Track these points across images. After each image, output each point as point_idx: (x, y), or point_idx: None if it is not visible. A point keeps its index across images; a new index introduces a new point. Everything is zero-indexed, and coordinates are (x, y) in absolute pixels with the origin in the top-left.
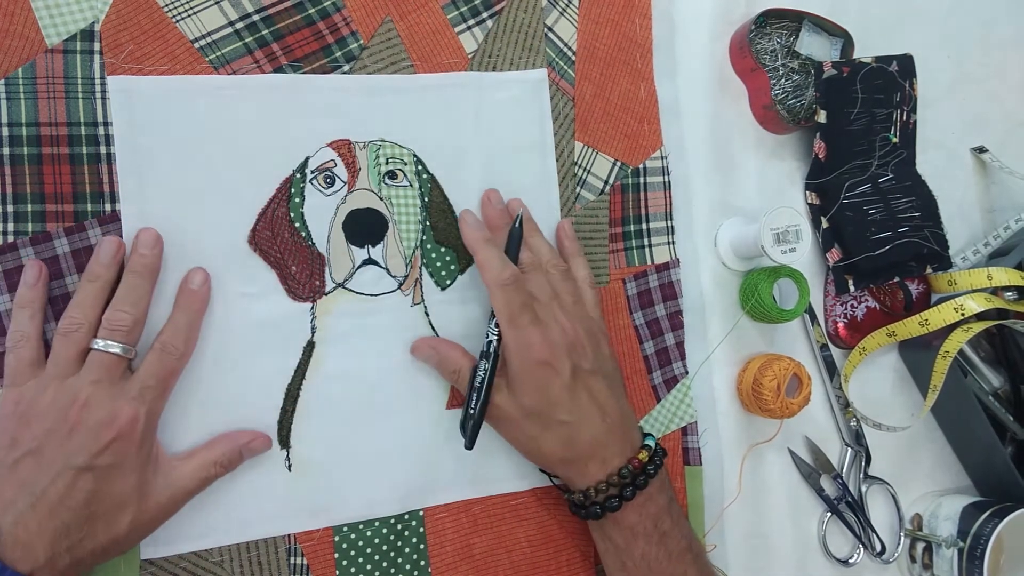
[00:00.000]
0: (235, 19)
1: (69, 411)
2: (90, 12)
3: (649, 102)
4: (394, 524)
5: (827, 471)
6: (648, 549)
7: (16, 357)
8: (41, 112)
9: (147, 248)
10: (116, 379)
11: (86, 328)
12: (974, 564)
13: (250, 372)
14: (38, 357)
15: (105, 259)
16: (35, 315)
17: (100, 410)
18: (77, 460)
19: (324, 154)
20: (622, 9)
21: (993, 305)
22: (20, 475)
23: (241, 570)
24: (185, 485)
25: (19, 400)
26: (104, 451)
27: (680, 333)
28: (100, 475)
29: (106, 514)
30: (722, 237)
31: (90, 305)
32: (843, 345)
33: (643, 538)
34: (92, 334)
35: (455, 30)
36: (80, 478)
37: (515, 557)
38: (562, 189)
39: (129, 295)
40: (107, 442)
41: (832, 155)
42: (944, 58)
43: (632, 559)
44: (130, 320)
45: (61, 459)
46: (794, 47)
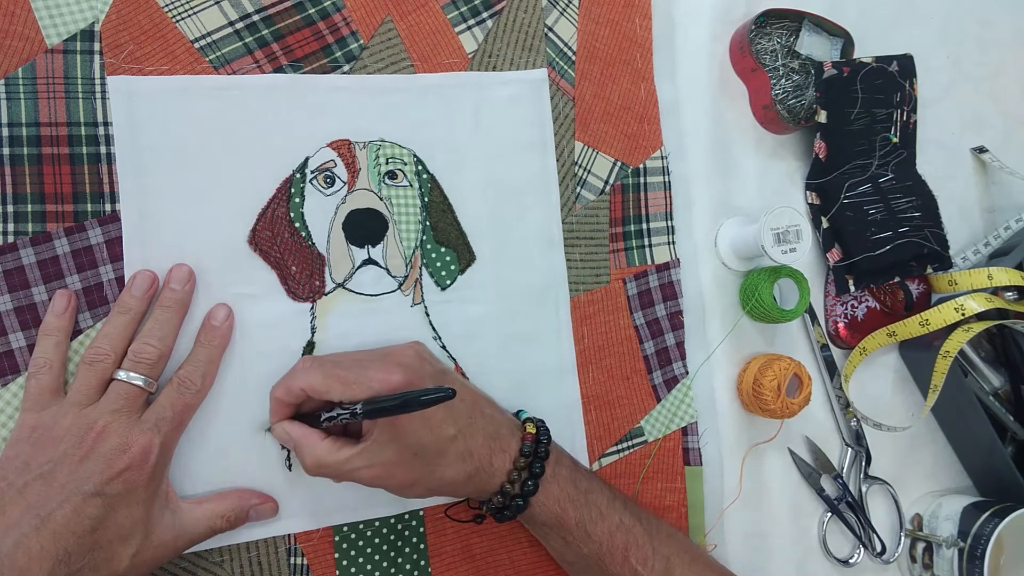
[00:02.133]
0: (235, 19)
1: (85, 438)
2: (90, 12)
3: (649, 102)
4: (394, 524)
5: (827, 471)
6: (579, 513)
7: (38, 383)
8: (41, 112)
9: (179, 284)
10: (135, 410)
11: (112, 359)
12: (974, 564)
13: (250, 372)
14: (59, 385)
15: (138, 292)
16: (60, 343)
17: (115, 438)
18: (87, 486)
19: (324, 154)
20: (622, 9)
21: (993, 305)
22: (28, 498)
23: (241, 570)
24: (191, 530)
25: (36, 426)
26: (116, 479)
27: (680, 333)
28: (109, 503)
29: (109, 544)
30: (722, 237)
31: (118, 336)
32: (843, 345)
33: (571, 504)
34: (117, 365)
35: (455, 30)
36: (89, 504)
37: (515, 557)
38: (562, 189)
39: (157, 329)
40: (119, 470)
41: (832, 155)
42: (944, 58)
43: (570, 532)
44: (156, 354)
45: (72, 484)
46: (794, 47)
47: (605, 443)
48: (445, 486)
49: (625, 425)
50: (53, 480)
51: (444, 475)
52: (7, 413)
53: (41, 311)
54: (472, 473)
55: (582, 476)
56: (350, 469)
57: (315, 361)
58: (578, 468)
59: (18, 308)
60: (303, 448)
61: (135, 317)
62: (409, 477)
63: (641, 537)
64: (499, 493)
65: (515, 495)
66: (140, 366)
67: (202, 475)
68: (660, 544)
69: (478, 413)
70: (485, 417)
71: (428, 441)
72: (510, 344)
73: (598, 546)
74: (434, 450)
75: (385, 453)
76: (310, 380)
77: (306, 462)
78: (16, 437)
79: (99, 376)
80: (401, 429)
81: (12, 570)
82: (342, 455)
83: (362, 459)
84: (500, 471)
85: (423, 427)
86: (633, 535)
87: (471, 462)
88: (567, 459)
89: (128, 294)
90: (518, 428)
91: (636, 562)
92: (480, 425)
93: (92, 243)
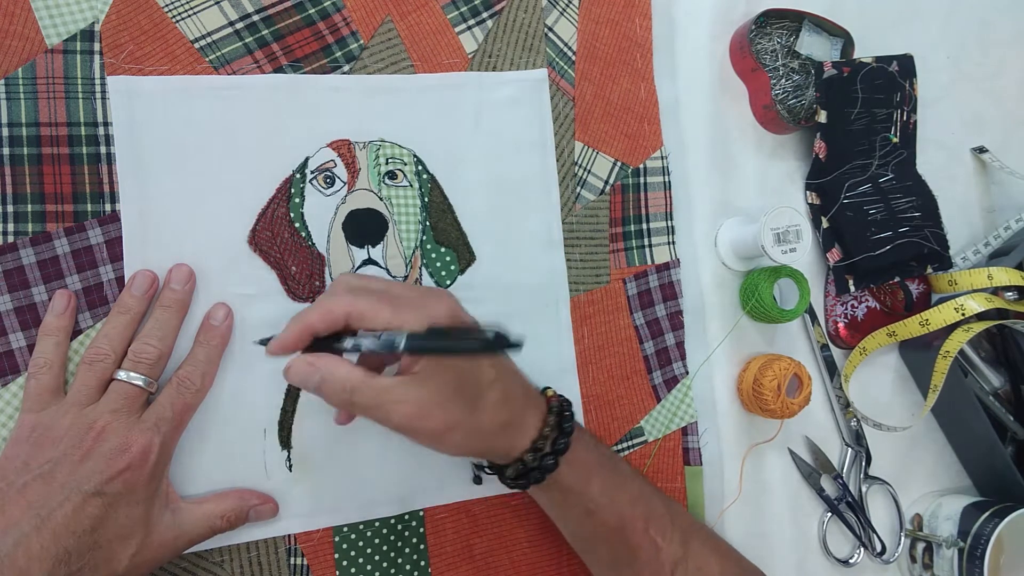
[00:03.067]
0: (235, 19)
1: (85, 437)
2: (90, 12)
3: (649, 102)
4: (394, 524)
5: (827, 471)
6: (604, 480)
7: (37, 383)
8: (41, 112)
9: (179, 284)
10: (135, 410)
11: (112, 359)
12: (974, 564)
13: (250, 372)
14: (58, 385)
15: (138, 292)
16: (60, 344)
17: (115, 438)
18: (87, 485)
19: (324, 154)
20: (622, 9)
21: (993, 305)
22: (28, 497)
23: (241, 570)
24: (191, 530)
25: (35, 426)
26: (116, 478)
27: (680, 333)
28: (109, 502)
29: (109, 544)
30: (722, 237)
31: (118, 336)
32: (843, 345)
33: (598, 468)
34: (117, 365)
35: (455, 30)
36: (89, 503)
37: (515, 557)
38: (562, 189)
39: (157, 329)
40: (119, 469)
41: (832, 155)
42: (944, 58)
43: (593, 500)
44: (156, 354)
45: (72, 483)
46: (794, 47)
47: (605, 443)
48: (480, 436)
49: (625, 425)
50: (53, 480)
51: (481, 420)
52: (7, 413)
53: (41, 311)
54: (507, 423)
55: (603, 445)
56: (388, 401)
57: (359, 281)
58: (597, 438)
59: (18, 308)
60: (334, 377)
61: (135, 317)
62: (445, 419)
63: (661, 508)
64: (530, 450)
65: (547, 453)
66: (140, 366)
67: (202, 475)
68: (677, 517)
69: (512, 366)
70: (517, 370)
71: (470, 379)
72: None
73: (619, 517)
74: (474, 391)
75: (425, 389)
76: (357, 304)
77: (337, 393)
78: (16, 437)
79: (99, 376)
80: (446, 365)
81: (12, 569)
82: (381, 383)
83: (402, 392)
84: (532, 426)
85: (468, 366)
86: (653, 506)
87: (507, 410)
88: (587, 430)
89: (128, 294)
90: (541, 392)
91: (655, 532)
92: (518, 376)
93: (92, 243)
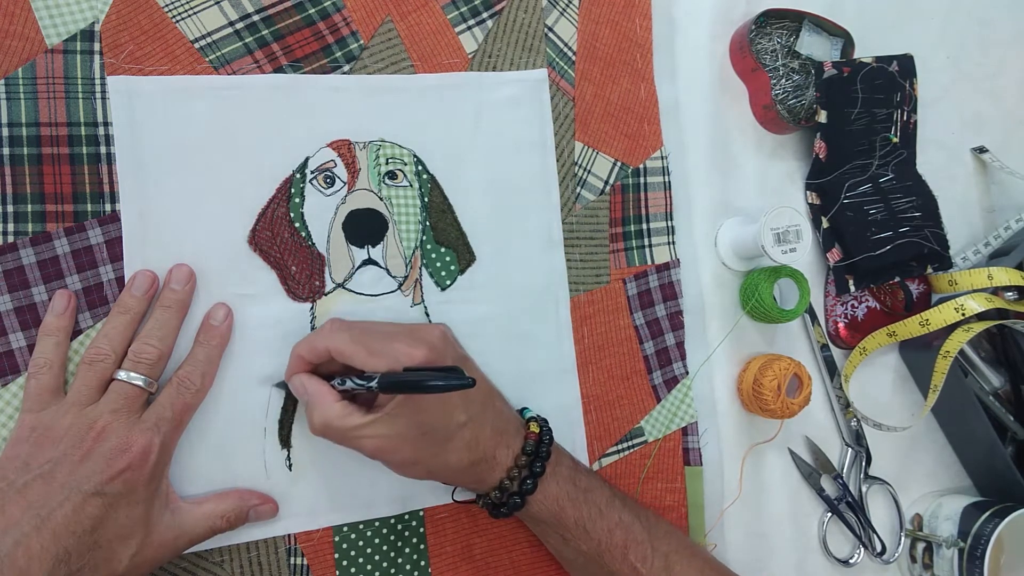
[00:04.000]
0: (235, 19)
1: (85, 437)
2: (90, 12)
3: (649, 102)
4: (394, 524)
5: (827, 471)
6: (578, 511)
7: (37, 383)
8: (41, 112)
9: (179, 284)
10: (135, 410)
11: (112, 359)
12: (974, 564)
13: (250, 372)
14: (58, 385)
15: (138, 291)
16: (60, 344)
17: (115, 438)
18: (87, 485)
19: (324, 154)
20: (622, 9)
21: (994, 305)
22: (28, 497)
23: (241, 570)
24: (191, 530)
25: (35, 426)
26: (115, 478)
27: (680, 333)
28: (109, 502)
29: (109, 544)
30: (722, 237)
31: (118, 336)
32: (843, 345)
33: (570, 503)
34: (117, 365)
35: (455, 30)
36: (89, 503)
37: (515, 557)
38: (562, 189)
39: (157, 329)
40: (119, 469)
41: (832, 155)
42: (944, 58)
43: (568, 530)
44: (156, 354)
45: (72, 483)
46: (794, 47)
47: (605, 443)
48: (446, 471)
49: (625, 425)
50: (53, 480)
51: (448, 460)
52: (7, 413)
53: (41, 311)
54: (475, 462)
55: (582, 475)
56: (357, 436)
57: (343, 324)
58: (578, 467)
59: (18, 308)
60: (316, 405)
61: (135, 317)
62: (412, 456)
63: (640, 535)
64: (497, 488)
65: (513, 492)
66: (140, 366)
67: (202, 475)
68: (659, 542)
69: (490, 405)
70: (495, 411)
71: (440, 423)
72: (510, 344)
73: (597, 544)
74: (443, 433)
75: (395, 427)
76: (336, 342)
77: (315, 420)
78: (16, 437)
79: (99, 376)
80: (416, 407)
81: (12, 569)
82: (352, 421)
83: (371, 429)
84: (501, 466)
85: (438, 409)
86: (632, 533)
87: (476, 451)
88: (568, 459)
89: (128, 294)
90: (522, 426)
91: (635, 559)
92: (490, 417)
93: (92, 243)
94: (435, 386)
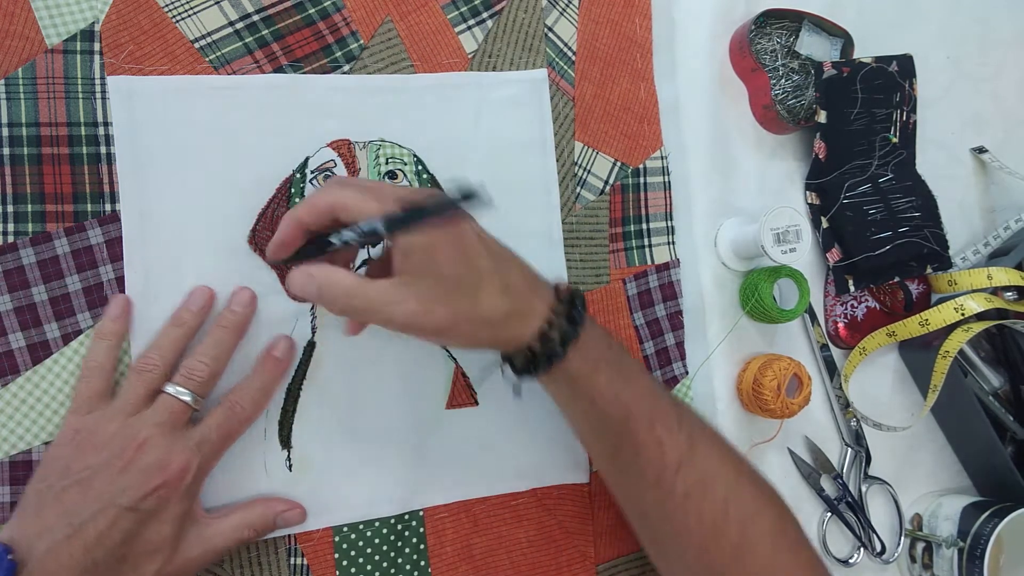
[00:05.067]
0: (235, 19)
1: (126, 448)
2: (90, 12)
3: (649, 102)
4: (394, 524)
5: (827, 471)
6: (611, 372)
7: (87, 386)
8: (41, 112)
9: (240, 306)
10: (179, 426)
11: (161, 370)
12: (974, 564)
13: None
14: (107, 389)
15: (194, 307)
16: (112, 348)
17: (156, 452)
18: (123, 499)
19: (324, 154)
20: (622, 9)
21: (993, 305)
22: (65, 503)
23: (241, 570)
24: (218, 544)
25: (80, 429)
26: (151, 495)
27: (680, 333)
28: (141, 518)
29: (136, 558)
30: (722, 237)
31: (169, 349)
32: (843, 345)
33: (604, 362)
34: (166, 378)
35: (455, 30)
36: (123, 518)
37: (515, 557)
38: (562, 189)
39: (212, 348)
40: (155, 486)
41: (832, 155)
42: (943, 58)
43: (599, 393)
44: (207, 372)
45: (108, 495)
46: (794, 47)
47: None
48: (484, 327)
49: None
50: (90, 488)
51: (483, 311)
52: (7, 413)
53: (41, 311)
54: (511, 311)
55: (613, 339)
56: (384, 304)
57: (344, 180)
58: (608, 331)
59: (18, 308)
60: (331, 283)
61: (189, 332)
62: (449, 313)
63: (668, 408)
64: (539, 338)
65: (554, 340)
66: (190, 383)
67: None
68: (685, 419)
69: (513, 258)
70: (520, 263)
71: (464, 270)
72: None
73: (625, 409)
74: (472, 280)
75: (421, 288)
76: (340, 196)
77: (336, 298)
78: (61, 438)
79: (148, 386)
80: (437, 259)
81: (42, 574)
82: (375, 289)
83: (398, 293)
84: (539, 314)
85: (458, 255)
86: (660, 404)
87: (510, 297)
88: (598, 324)
89: (185, 309)
90: (551, 282)
91: (661, 429)
92: (516, 265)
93: (92, 243)
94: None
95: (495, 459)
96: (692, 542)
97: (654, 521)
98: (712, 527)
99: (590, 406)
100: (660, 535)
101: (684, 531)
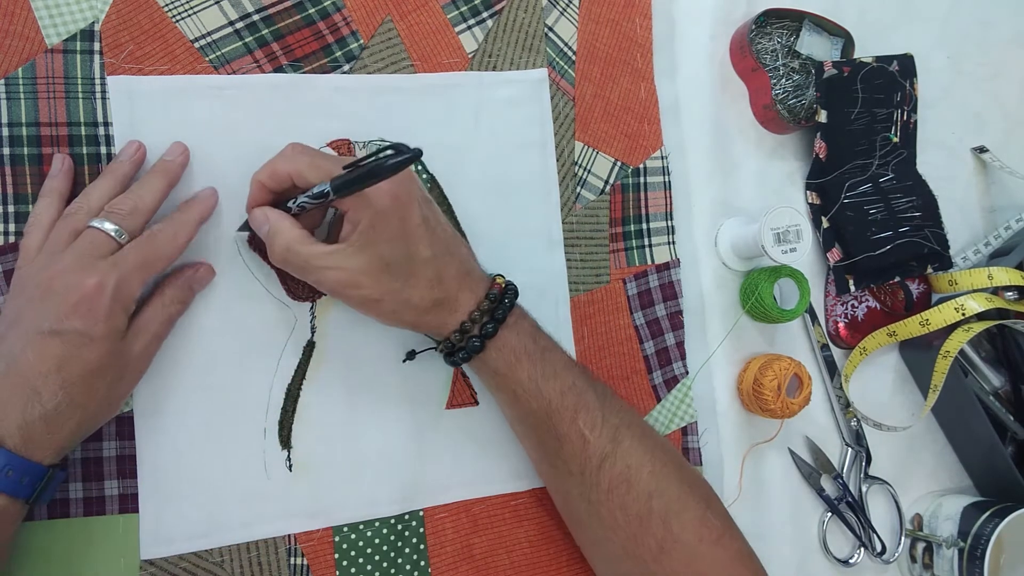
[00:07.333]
0: (235, 19)
1: (44, 279)
2: (90, 12)
3: (649, 102)
4: (394, 524)
5: (827, 471)
6: (533, 367)
7: (28, 240)
8: (41, 112)
9: (172, 156)
10: (99, 255)
11: (85, 211)
12: (975, 564)
13: (250, 372)
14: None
15: (125, 156)
16: (52, 204)
17: (71, 275)
18: (45, 324)
19: None
20: (622, 9)
21: (994, 305)
22: (5, 346)
23: (241, 570)
24: (154, 329)
25: (16, 279)
26: (71, 315)
27: (680, 333)
28: (68, 340)
29: (81, 381)
30: (722, 237)
31: (96, 194)
32: (843, 345)
33: (526, 357)
34: (91, 217)
35: (455, 30)
36: (49, 343)
37: (515, 557)
38: (562, 189)
39: (138, 187)
40: (72, 304)
41: (832, 155)
42: (944, 58)
43: (521, 385)
44: (130, 205)
45: (33, 325)
46: (794, 47)
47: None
48: (409, 310)
49: None
50: (20, 324)
51: (411, 296)
52: None
53: None
54: (438, 302)
55: (543, 336)
56: (319, 266)
57: (305, 148)
58: (540, 330)
59: None
60: (277, 232)
61: (120, 179)
62: (375, 290)
63: (593, 403)
64: (458, 331)
65: (473, 335)
66: (112, 216)
67: (202, 475)
68: (611, 414)
69: (456, 248)
70: (461, 255)
71: (402, 255)
72: None
73: (547, 403)
74: (406, 268)
75: (357, 259)
76: (298, 164)
77: (276, 246)
78: (7, 294)
79: (71, 227)
80: (378, 236)
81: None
82: (314, 249)
83: (333, 259)
84: (464, 308)
85: (400, 239)
86: (585, 399)
87: (439, 289)
88: (531, 320)
89: (116, 159)
90: (488, 278)
91: (584, 425)
92: (456, 258)
93: None
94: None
95: (495, 459)
96: (618, 536)
97: (582, 515)
98: (637, 521)
99: (513, 398)
100: (588, 529)
101: (610, 525)
